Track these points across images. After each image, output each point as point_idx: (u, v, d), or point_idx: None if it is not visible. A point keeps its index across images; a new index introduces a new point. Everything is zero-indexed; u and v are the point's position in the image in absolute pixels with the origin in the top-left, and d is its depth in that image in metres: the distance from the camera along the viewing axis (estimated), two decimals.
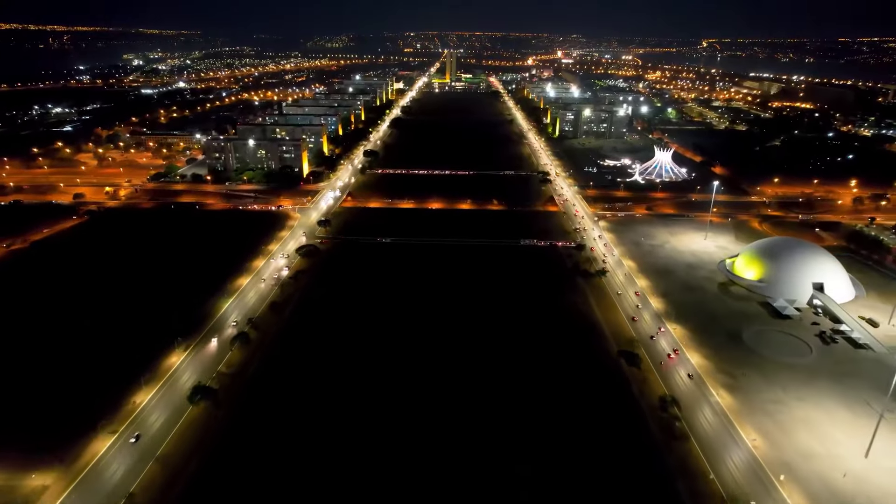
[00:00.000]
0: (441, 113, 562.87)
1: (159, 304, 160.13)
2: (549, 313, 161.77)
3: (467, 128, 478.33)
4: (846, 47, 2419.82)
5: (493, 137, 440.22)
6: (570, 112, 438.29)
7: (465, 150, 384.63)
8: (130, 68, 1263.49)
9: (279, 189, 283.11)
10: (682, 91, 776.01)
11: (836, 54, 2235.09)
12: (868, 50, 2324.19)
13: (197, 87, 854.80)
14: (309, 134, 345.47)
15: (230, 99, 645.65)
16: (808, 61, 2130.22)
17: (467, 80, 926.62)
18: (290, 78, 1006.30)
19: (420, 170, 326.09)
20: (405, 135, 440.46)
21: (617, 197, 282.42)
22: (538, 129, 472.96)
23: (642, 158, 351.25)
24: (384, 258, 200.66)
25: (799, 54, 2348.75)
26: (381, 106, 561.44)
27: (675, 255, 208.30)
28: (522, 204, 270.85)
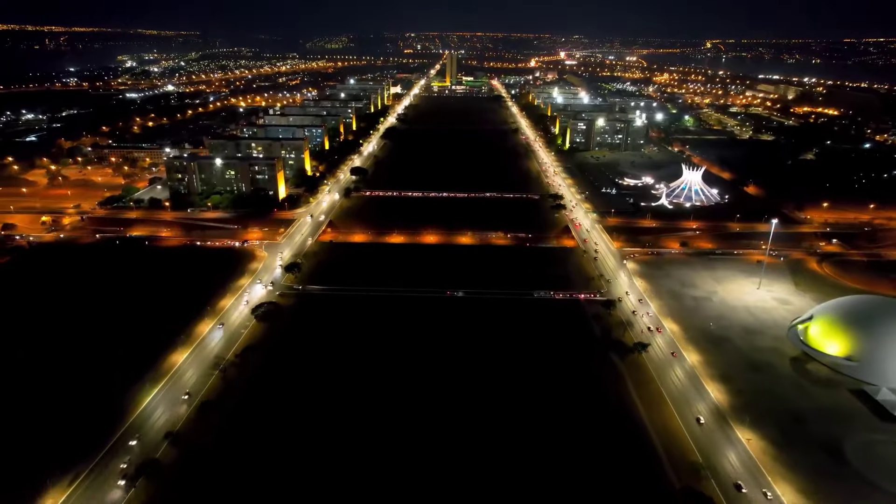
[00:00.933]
0: (440, 121, 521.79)
1: (55, 400, 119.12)
2: (575, 416, 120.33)
3: (468, 138, 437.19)
4: (852, 48, 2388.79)
5: (497, 150, 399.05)
6: (581, 122, 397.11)
7: (466, 165, 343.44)
8: (122, 70, 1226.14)
9: (249, 217, 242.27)
10: (695, 95, 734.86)
11: (843, 55, 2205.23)
12: (875, 51, 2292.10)
13: (185, 91, 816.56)
14: (289, 149, 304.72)
15: (216, 104, 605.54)
16: (815, 62, 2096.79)
17: (468, 83, 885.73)
18: (283, 81, 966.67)
19: (414, 192, 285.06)
20: (399, 147, 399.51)
21: (643, 227, 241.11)
22: (546, 139, 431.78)
23: (665, 175, 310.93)
24: (362, 321, 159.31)
25: (805, 55, 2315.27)
26: (374, 113, 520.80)
27: (727, 313, 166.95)
28: (533, 236, 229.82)
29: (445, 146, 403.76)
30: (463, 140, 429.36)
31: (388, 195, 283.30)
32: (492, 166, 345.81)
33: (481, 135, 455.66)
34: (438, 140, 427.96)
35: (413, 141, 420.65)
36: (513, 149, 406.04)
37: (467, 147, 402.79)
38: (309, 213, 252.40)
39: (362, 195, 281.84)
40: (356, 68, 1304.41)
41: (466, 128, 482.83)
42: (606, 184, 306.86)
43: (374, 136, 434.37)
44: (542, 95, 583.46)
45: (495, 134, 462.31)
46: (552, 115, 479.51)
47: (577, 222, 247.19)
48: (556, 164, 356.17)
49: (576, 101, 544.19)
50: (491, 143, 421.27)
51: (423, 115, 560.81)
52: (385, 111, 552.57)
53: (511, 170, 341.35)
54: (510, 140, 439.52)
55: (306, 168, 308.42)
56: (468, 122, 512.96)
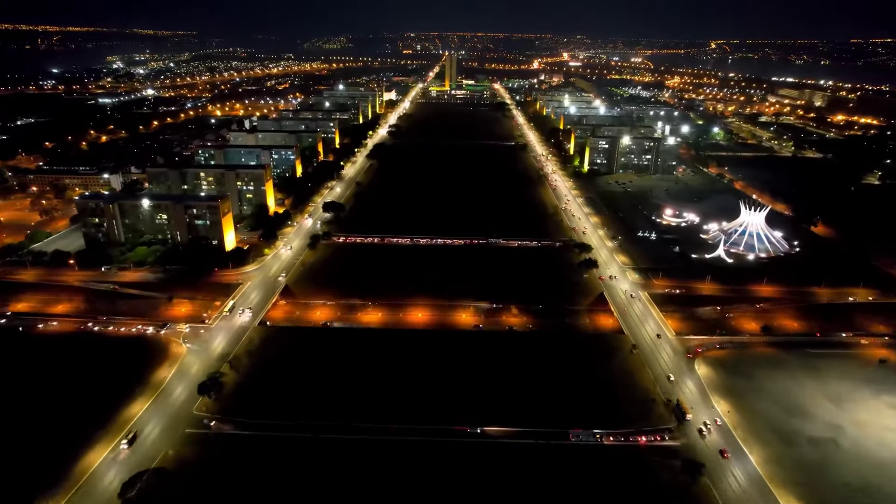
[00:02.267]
0: (436, 133, 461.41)
1: None
2: None
3: (469, 157, 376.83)
4: (860, 49, 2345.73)
5: (503, 172, 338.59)
6: (603, 140, 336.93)
7: (466, 195, 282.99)
8: (107, 72, 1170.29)
9: (182, 279, 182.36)
10: (717, 102, 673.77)
11: (851, 56, 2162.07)
12: (883, 51, 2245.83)
13: (164, 96, 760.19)
14: (247, 180, 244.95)
15: (188, 114, 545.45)
16: (824, 63, 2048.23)
17: (469, 87, 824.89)
18: (271, 84, 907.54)
19: (400, 237, 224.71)
20: (387, 170, 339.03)
21: (703, 295, 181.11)
22: (560, 157, 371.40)
23: (710, 210, 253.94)
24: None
25: (813, 56, 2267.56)
26: (363, 125, 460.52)
27: (870, 475, 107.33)
28: (558, 309, 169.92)
29: (442, 168, 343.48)
30: (463, 159, 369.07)
31: (368, 242, 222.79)
32: (498, 196, 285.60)
33: (484, 152, 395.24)
34: (434, 159, 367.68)
35: (404, 161, 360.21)
36: (522, 171, 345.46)
37: (468, 169, 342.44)
38: (263, 270, 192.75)
39: (334, 241, 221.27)
40: (352, 70, 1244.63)
41: (467, 143, 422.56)
42: (641, 223, 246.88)
43: (360, 154, 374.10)
44: (551, 104, 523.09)
45: (500, 151, 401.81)
46: (566, 129, 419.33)
47: (611, 282, 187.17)
48: (576, 192, 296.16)
49: (590, 110, 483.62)
50: (496, 164, 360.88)
51: (418, 125, 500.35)
52: (376, 122, 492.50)
53: (522, 201, 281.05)
54: (518, 159, 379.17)
55: (269, 203, 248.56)
56: (469, 135, 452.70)
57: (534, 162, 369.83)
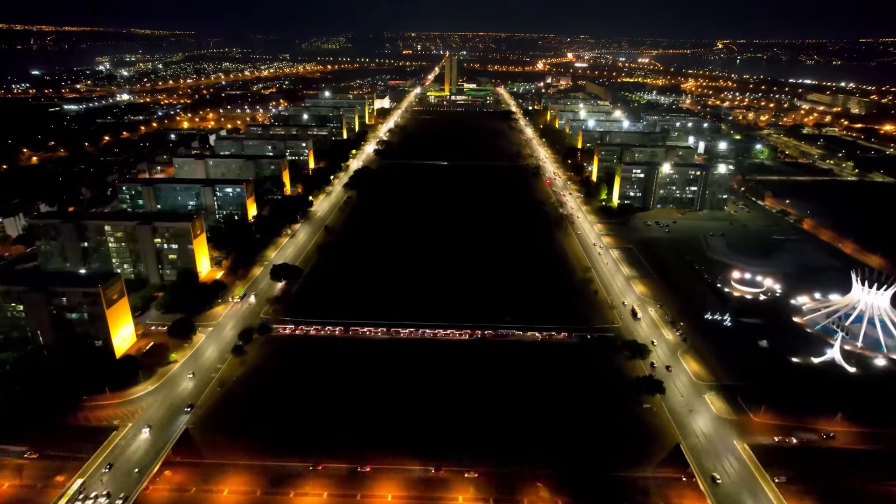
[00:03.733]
0: (432, 151, 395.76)
1: None
2: None
3: (470, 186, 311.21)
4: (871, 48, 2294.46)
5: (513, 210, 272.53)
6: (637, 168, 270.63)
7: (467, 249, 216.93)
8: (89, 73, 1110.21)
9: (27, 415, 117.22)
10: (745, 109, 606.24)
11: (862, 56, 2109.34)
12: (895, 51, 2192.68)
13: (138, 102, 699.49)
14: (168, 238, 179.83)
15: (153, 125, 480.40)
16: (836, 63, 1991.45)
17: (470, 92, 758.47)
18: (257, 89, 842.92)
19: (373, 327, 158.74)
20: (367, 207, 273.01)
21: (835, 449, 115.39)
22: (581, 186, 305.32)
23: (788, 266, 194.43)
24: None
25: (823, 56, 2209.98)
26: (346, 141, 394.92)
27: None
28: (608, 482, 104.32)
29: (435, 202, 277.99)
30: (462, 188, 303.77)
31: (325, 334, 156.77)
32: (508, 248, 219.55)
33: (488, 177, 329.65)
34: (426, 189, 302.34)
35: (390, 192, 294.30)
36: (537, 207, 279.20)
37: (468, 203, 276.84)
38: (160, 396, 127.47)
39: (277, 336, 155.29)
40: (347, 73, 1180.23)
41: (467, 164, 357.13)
42: (704, 293, 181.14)
43: (338, 182, 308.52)
44: (564, 115, 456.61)
45: (508, 175, 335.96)
46: (586, 148, 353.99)
47: (688, 416, 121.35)
48: (608, 240, 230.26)
49: (610, 123, 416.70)
50: (503, 195, 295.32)
51: (411, 141, 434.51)
52: (363, 137, 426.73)
53: (540, 256, 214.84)
54: (530, 187, 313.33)
55: (199, 268, 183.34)
56: (470, 153, 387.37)
57: (549, 190, 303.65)
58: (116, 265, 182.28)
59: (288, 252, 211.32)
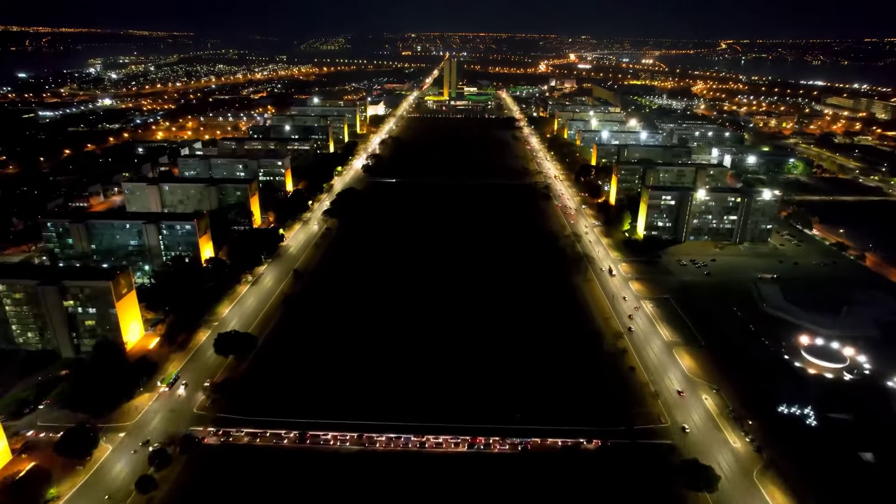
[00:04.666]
0: (428, 166, 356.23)
1: None
2: None
3: (470, 212, 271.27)
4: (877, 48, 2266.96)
5: (523, 245, 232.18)
6: (668, 195, 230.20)
7: (467, 303, 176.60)
8: (78, 76, 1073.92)
9: None
10: (768, 117, 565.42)
11: (868, 56, 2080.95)
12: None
13: (119, 107, 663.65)
14: (81, 299, 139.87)
15: (124, 135, 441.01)
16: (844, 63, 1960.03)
17: (471, 97, 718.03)
18: (247, 93, 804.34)
19: (343, 434, 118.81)
20: (346, 243, 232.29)
21: None
22: (598, 212, 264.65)
23: (867, 325, 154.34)
24: None
25: (828, 56, 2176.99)
26: (332, 156, 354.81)
27: None
28: None
29: (429, 232, 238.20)
30: (461, 214, 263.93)
31: (273, 449, 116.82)
32: (518, 302, 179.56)
33: (492, 200, 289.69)
34: (419, 215, 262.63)
35: (375, 222, 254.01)
36: (550, 239, 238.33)
37: (469, 235, 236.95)
38: None
39: (200, 465, 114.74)
40: (343, 75, 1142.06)
41: (468, 182, 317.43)
42: (769, 369, 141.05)
43: (317, 207, 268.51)
44: (574, 124, 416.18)
45: (514, 197, 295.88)
46: (602, 165, 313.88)
47: None
48: (637, 286, 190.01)
49: (626, 135, 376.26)
50: (509, 223, 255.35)
51: (405, 153, 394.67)
52: (352, 149, 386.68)
53: (557, 313, 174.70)
54: (541, 213, 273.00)
55: (123, 338, 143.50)
56: (470, 169, 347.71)
57: (562, 217, 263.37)
58: (18, 334, 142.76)
59: (246, 306, 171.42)
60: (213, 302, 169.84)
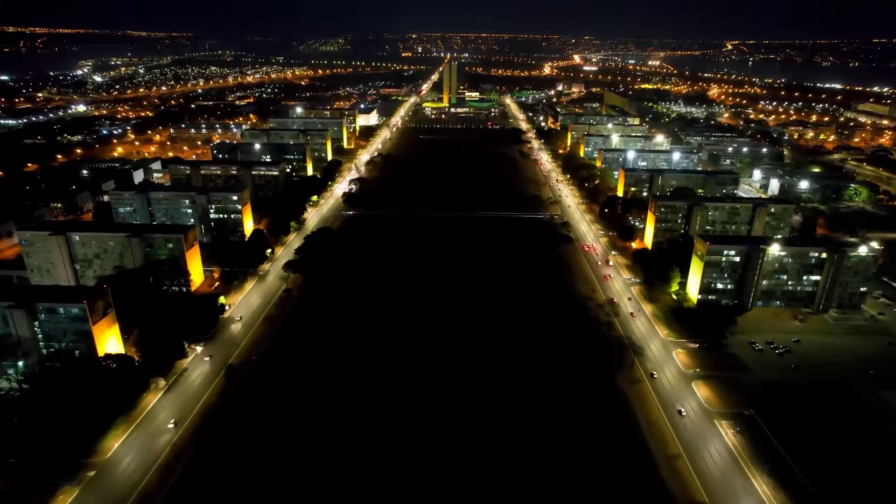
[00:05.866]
0: (422, 194, 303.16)
1: None
2: None
3: (474, 268, 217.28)
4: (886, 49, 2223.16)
5: (546, 329, 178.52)
6: (732, 251, 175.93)
7: (471, 428, 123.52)
8: (61, 79, 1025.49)
9: None
10: (800, 126, 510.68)
11: (879, 57, 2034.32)
12: None
13: (92, 114, 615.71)
14: None
15: (76, 152, 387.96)
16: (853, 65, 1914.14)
17: (472, 104, 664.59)
18: (232, 98, 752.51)
19: None
20: (307, 315, 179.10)
21: None
22: (634, 263, 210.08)
23: None
24: None
25: (838, 58, 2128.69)
26: (309, 181, 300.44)
27: None
28: None
29: (417, 300, 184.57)
30: (461, 268, 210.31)
31: None
32: (540, 418, 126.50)
33: (501, 245, 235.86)
34: (407, 268, 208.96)
35: (350, 280, 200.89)
36: (579, 311, 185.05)
37: (469, 305, 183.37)
38: None
39: None
40: (339, 78, 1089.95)
41: (470, 215, 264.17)
42: None
43: (280, 256, 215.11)
44: (592, 141, 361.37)
45: (528, 240, 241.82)
46: (631, 196, 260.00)
47: None
48: (704, 389, 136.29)
49: (656, 156, 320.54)
50: (524, 285, 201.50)
51: (395, 175, 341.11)
52: (335, 169, 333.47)
53: (595, 445, 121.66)
54: (565, 268, 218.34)
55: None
56: (473, 196, 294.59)
57: (591, 272, 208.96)
58: None
59: (151, 432, 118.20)
60: (101, 429, 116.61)
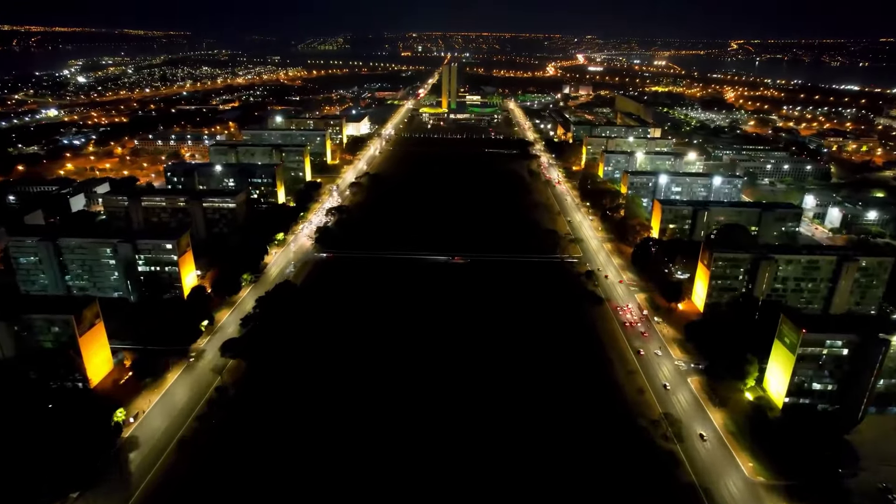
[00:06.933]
0: (413, 227, 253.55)
1: None
2: None
3: (479, 346, 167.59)
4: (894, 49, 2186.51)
5: (589, 456, 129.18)
6: (837, 341, 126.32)
7: None
8: (43, 80, 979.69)
9: None
10: (840, 137, 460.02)
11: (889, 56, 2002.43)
12: None
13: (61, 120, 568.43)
14: None
15: (18, 168, 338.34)
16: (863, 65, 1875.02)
17: (474, 109, 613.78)
18: (217, 101, 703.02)
19: None
20: (250, 427, 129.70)
21: None
22: (686, 338, 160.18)
23: None
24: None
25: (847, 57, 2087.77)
26: (277, 212, 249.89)
27: None
28: None
29: (402, 399, 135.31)
30: (461, 351, 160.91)
31: None
32: None
33: (512, 307, 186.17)
34: (389, 350, 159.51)
35: (309, 365, 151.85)
36: (626, 432, 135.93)
37: (475, 414, 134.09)
38: None
39: None
40: (334, 79, 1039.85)
41: (471, 259, 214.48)
42: None
43: (221, 328, 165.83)
44: (612, 159, 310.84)
45: (547, 302, 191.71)
46: (671, 235, 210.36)
47: None
48: None
49: (692, 179, 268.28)
50: (549, 378, 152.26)
51: (382, 201, 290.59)
52: (312, 192, 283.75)
53: None
54: (601, 352, 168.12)
55: None
56: (475, 232, 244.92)
57: (624, 345, 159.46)
58: None
59: None
60: None
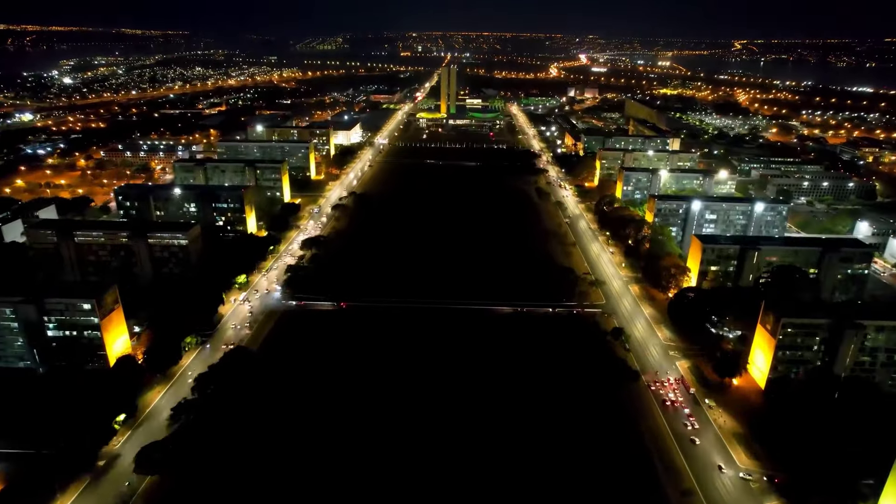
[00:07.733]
0: (402, 265, 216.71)
1: None
2: None
3: (480, 422, 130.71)
4: None
5: None
6: None
7: None
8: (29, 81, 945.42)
9: None
10: (875, 147, 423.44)
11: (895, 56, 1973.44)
12: None
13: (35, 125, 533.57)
14: None
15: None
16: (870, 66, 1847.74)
17: (475, 115, 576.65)
18: (204, 105, 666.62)
19: None
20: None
21: None
22: (748, 431, 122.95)
23: None
24: None
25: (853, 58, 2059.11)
26: (244, 246, 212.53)
27: None
28: None
29: None
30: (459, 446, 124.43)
31: None
32: None
33: (517, 373, 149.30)
34: (366, 450, 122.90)
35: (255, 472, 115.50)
36: None
37: None
38: None
39: None
40: (330, 81, 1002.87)
41: (469, 310, 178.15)
42: None
43: (153, 415, 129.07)
44: (631, 177, 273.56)
45: (564, 359, 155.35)
46: (717, 282, 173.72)
47: None
48: None
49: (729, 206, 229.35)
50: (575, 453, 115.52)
51: (368, 230, 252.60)
52: (289, 216, 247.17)
53: None
54: (641, 442, 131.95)
55: None
56: (475, 271, 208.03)
57: (674, 447, 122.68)
58: None
59: None
60: None
